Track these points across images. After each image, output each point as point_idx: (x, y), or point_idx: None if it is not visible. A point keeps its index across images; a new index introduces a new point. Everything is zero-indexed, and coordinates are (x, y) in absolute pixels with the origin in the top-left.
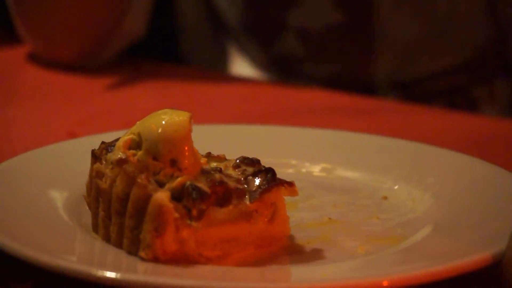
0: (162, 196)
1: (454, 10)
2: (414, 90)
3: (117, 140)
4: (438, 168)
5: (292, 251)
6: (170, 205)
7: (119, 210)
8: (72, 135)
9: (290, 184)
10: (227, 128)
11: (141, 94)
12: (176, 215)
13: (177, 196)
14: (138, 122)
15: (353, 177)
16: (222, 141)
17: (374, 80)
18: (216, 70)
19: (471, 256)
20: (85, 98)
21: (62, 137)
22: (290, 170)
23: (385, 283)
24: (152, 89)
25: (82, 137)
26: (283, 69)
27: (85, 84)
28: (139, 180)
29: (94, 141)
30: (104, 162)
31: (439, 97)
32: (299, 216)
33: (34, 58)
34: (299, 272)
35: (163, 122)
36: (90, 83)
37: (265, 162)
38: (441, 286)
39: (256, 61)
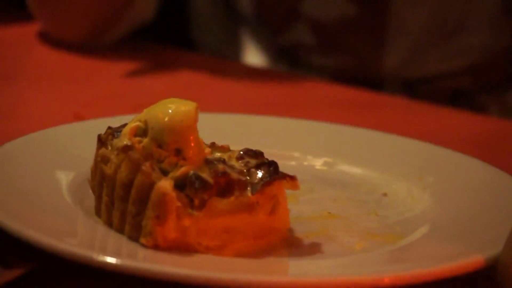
0: (165, 184)
1: (469, 12)
2: (420, 89)
3: (123, 126)
4: (439, 168)
5: (290, 244)
6: (172, 193)
7: (122, 196)
8: (79, 117)
9: (292, 177)
10: (232, 118)
11: (149, 78)
12: (178, 203)
13: (180, 185)
14: (145, 110)
15: (354, 173)
16: (226, 130)
17: (382, 76)
18: (226, 58)
19: (466, 258)
20: (93, 80)
21: (69, 119)
22: (293, 163)
23: (378, 282)
24: (161, 74)
25: (89, 120)
26: (292, 59)
27: (94, 66)
28: (143, 168)
29: (100, 125)
30: (109, 148)
31: (444, 98)
32: (299, 209)
33: (44, 37)
34: (296, 265)
35: (170, 111)
36: (99, 65)
37: (268, 153)
38: (435, 287)
39: (266, 49)
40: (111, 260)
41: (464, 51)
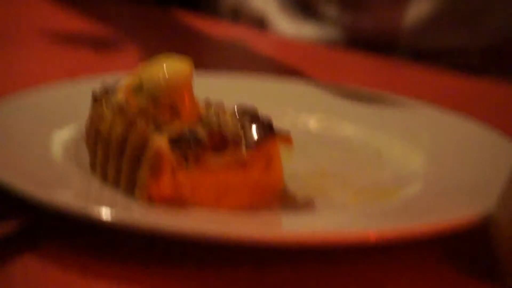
0: (160, 140)
1: None
2: (429, 62)
3: (118, 83)
4: (434, 128)
5: (284, 200)
6: (167, 149)
7: (117, 152)
8: (74, 74)
9: (286, 134)
10: (227, 76)
11: (146, 39)
12: (173, 159)
13: (175, 141)
14: (140, 67)
15: (349, 131)
16: (221, 88)
17: (395, 42)
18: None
19: (459, 215)
20: (88, 39)
21: (64, 75)
22: (287, 121)
23: (371, 237)
24: (156, 34)
25: (84, 77)
26: (306, 9)
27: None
28: (138, 124)
29: (95, 82)
30: (104, 105)
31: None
32: (294, 167)
33: None
34: (289, 221)
35: (165, 68)
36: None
37: (263, 111)
38: (429, 242)
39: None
40: (105, 213)
41: (481, 32)
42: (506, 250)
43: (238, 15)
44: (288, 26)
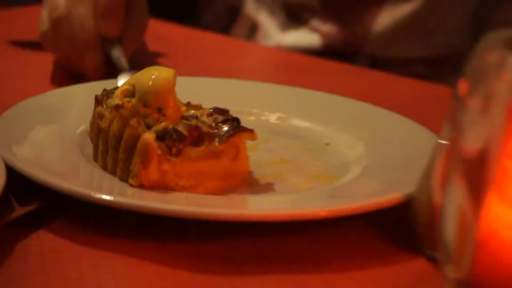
0: (148, 136)
1: (447, 16)
2: (386, 68)
3: (116, 88)
4: (372, 123)
5: (250, 184)
6: (154, 143)
7: (114, 145)
8: (79, 80)
9: (251, 130)
10: (204, 80)
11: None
12: (159, 151)
13: (161, 136)
14: (133, 75)
15: (303, 126)
16: (199, 91)
17: (359, 50)
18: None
19: (388, 195)
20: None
21: (72, 82)
22: (252, 118)
23: (320, 213)
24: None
25: (89, 82)
26: (292, 17)
27: None
28: (131, 123)
29: (98, 87)
30: (104, 106)
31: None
32: (258, 156)
33: None
34: (254, 201)
35: (153, 77)
36: None
37: (233, 110)
38: (365, 218)
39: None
40: (105, 197)
41: (432, 45)
42: (423, 225)
43: (235, 19)
44: (276, 32)
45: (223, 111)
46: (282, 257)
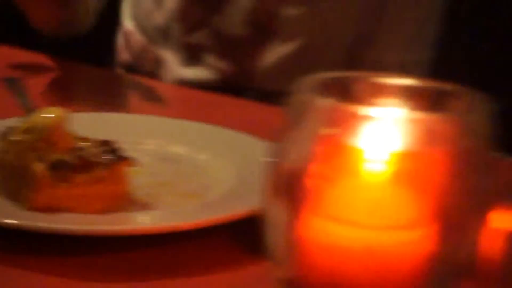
0: (39, 165)
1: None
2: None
3: (17, 125)
4: (241, 150)
5: (131, 204)
6: (44, 171)
7: (10, 174)
8: None
9: (130, 158)
10: (95, 115)
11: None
12: (49, 178)
13: (53, 165)
14: (31, 114)
15: (179, 151)
16: (92, 125)
17: (246, 85)
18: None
19: (242, 209)
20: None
21: None
22: (134, 146)
23: (185, 226)
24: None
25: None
26: (192, 56)
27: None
28: (26, 154)
29: (3, 125)
30: (5, 140)
31: None
32: (139, 180)
33: None
34: (134, 218)
35: (47, 116)
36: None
37: (122, 140)
38: (227, 229)
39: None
40: (4, 220)
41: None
42: (270, 239)
43: (143, 57)
44: (178, 67)
45: (107, 143)
46: (153, 266)
